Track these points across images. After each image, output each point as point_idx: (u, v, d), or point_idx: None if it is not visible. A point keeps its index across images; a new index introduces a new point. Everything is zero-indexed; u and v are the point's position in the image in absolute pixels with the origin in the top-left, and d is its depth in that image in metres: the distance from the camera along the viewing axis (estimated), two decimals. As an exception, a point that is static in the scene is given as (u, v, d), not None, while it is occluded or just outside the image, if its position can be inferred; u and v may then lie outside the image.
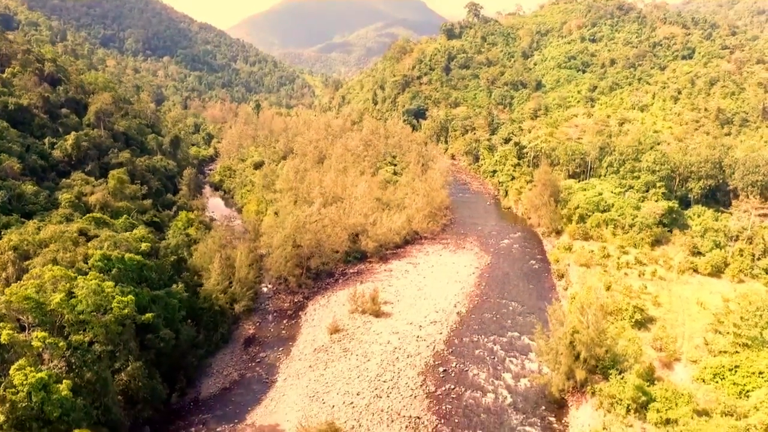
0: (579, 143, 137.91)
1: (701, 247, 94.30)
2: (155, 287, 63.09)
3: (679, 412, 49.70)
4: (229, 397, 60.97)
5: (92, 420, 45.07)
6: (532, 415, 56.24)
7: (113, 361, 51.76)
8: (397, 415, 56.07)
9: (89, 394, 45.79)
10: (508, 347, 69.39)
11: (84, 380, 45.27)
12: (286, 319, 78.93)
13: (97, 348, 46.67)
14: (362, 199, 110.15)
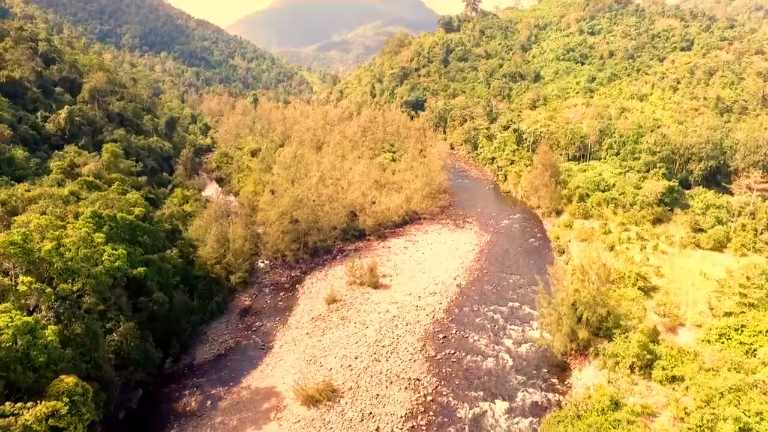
0: (579, 126, 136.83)
1: (703, 224, 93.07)
2: (149, 252, 61.74)
3: (685, 370, 48.54)
4: (224, 363, 59.64)
5: (82, 374, 43.62)
6: (534, 377, 54.97)
7: (104, 319, 50.36)
8: (397, 377, 54.77)
9: (78, 347, 44.38)
10: (509, 316, 68.12)
11: (72, 332, 43.84)
12: (282, 291, 77.57)
13: (86, 300, 45.21)
14: (360, 179, 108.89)
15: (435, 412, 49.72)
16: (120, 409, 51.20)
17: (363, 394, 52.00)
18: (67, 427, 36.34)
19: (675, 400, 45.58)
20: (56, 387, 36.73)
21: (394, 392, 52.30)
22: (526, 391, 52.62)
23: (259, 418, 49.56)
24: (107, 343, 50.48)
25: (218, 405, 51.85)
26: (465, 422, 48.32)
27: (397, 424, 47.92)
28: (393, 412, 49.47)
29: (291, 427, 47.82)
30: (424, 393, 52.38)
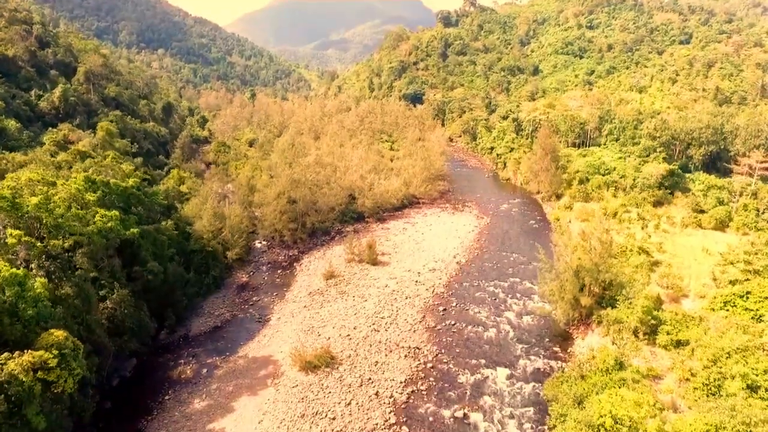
0: (578, 113, 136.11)
1: (704, 205, 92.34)
2: (143, 223, 60.60)
3: (691, 334, 47.58)
4: (220, 334, 58.53)
5: (73, 335, 42.45)
6: (536, 346, 54.00)
7: (98, 286, 49.23)
8: (396, 346, 53.72)
9: (70, 308, 43.19)
10: (510, 290, 67.13)
11: (63, 293, 42.68)
12: (280, 269, 76.46)
13: (78, 260, 44.08)
14: (359, 163, 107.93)
15: (435, 378, 48.67)
16: (113, 376, 50.01)
17: (362, 361, 50.94)
18: (56, 381, 35.27)
19: (681, 361, 44.62)
20: (45, 340, 35.62)
21: (393, 360, 51.25)
22: (528, 359, 51.63)
23: (256, 384, 48.44)
24: (100, 310, 49.47)
25: (214, 373, 50.73)
26: (466, 387, 47.28)
27: (396, 389, 46.86)
28: (393, 378, 48.41)
29: (288, 391, 46.71)
30: (424, 361, 51.35)
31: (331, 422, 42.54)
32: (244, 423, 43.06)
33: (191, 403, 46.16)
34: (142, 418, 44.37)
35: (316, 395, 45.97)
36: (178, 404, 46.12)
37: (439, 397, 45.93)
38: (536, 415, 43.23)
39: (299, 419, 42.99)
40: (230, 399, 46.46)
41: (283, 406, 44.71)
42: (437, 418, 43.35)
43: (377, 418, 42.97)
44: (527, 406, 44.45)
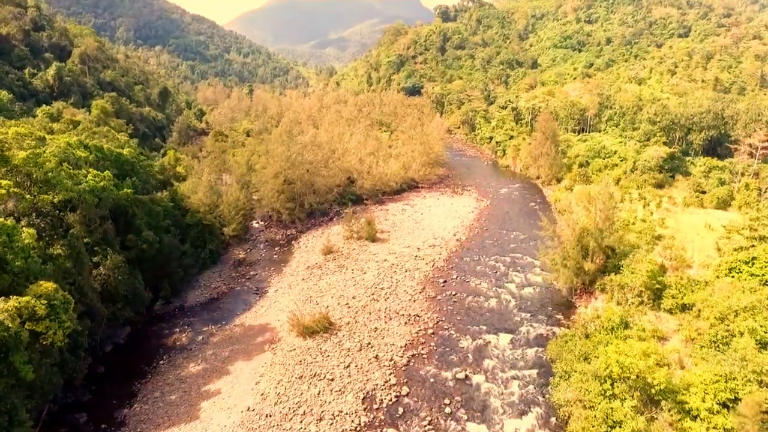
0: (578, 100, 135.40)
1: (705, 187, 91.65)
2: (138, 193, 59.48)
3: (696, 297, 46.60)
4: (216, 305, 57.45)
5: (65, 296, 41.32)
6: (538, 314, 53.02)
7: (91, 252, 48.08)
8: (396, 314, 52.67)
9: (61, 268, 42.00)
10: (511, 264, 66.14)
11: (54, 251, 41.53)
12: (278, 247, 75.39)
13: (69, 218, 42.90)
14: (357, 146, 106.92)
15: (436, 343, 47.64)
16: (107, 342, 48.90)
17: (361, 328, 49.89)
18: (45, 333, 34.13)
19: (687, 322, 43.67)
20: (33, 291, 34.47)
21: (393, 326, 50.20)
22: (531, 326, 50.63)
23: (253, 349, 47.35)
24: (93, 276, 48.33)
25: (210, 340, 49.63)
26: (468, 351, 46.25)
27: (397, 352, 45.80)
28: (393, 342, 47.35)
29: (286, 355, 45.63)
30: (424, 327, 50.32)
31: (330, 383, 41.46)
32: (241, 384, 41.96)
33: (186, 367, 45.05)
34: (135, 381, 43.25)
35: (314, 358, 44.89)
36: (173, 368, 45.01)
37: (440, 360, 44.89)
38: (539, 377, 42.21)
39: (297, 380, 41.90)
40: (226, 363, 45.38)
41: (281, 369, 43.62)
42: (438, 379, 42.30)
43: (377, 379, 41.90)
44: (530, 369, 43.44)
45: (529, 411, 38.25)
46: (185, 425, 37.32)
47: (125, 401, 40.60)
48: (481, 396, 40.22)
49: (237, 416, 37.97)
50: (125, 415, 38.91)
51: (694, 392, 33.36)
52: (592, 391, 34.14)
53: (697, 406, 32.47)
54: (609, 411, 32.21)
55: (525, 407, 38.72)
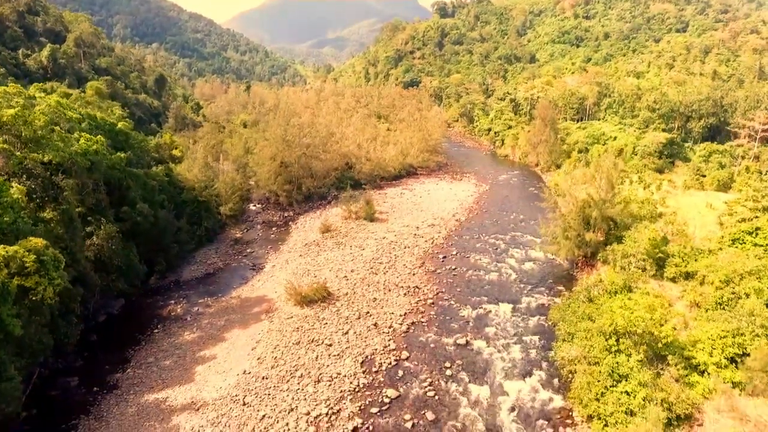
0: (577, 89, 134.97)
1: (705, 171, 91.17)
2: (133, 167, 58.53)
3: (700, 265, 45.87)
4: (212, 280, 56.48)
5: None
6: (539, 286, 52.25)
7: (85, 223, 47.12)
8: (395, 286, 51.83)
9: (52, 233, 40.93)
10: (511, 242, 65.39)
11: (45, 215, 40.54)
12: (275, 227, 74.44)
13: (61, 181, 41.89)
14: (356, 133, 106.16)
15: (436, 313, 46.81)
16: (100, 312, 47.89)
17: (359, 298, 49.02)
18: (35, 288, 33.18)
19: (692, 288, 42.93)
20: (23, 245, 33.50)
21: (392, 297, 49.35)
22: (532, 297, 49.87)
23: (249, 319, 46.42)
24: (86, 246, 47.33)
25: (205, 311, 48.66)
26: (468, 320, 45.43)
27: (396, 320, 44.96)
28: (392, 312, 46.50)
29: (283, 322, 44.72)
30: (423, 298, 49.49)
31: (328, 348, 40.57)
32: (237, 350, 41.03)
33: (181, 335, 44.09)
34: (129, 349, 42.26)
35: (311, 326, 43.99)
36: (167, 336, 44.05)
37: (440, 328, 44.05)
38: (542, 342, 41.40)
39: (294, 346, 41.00)
40: (222, 331, 44.44)
41: (278, 335, 42.73)
42: (439, 345, 41.46)
43: (376, 345, 41.04)
44: (532, 335, 42.63)
45: (531, 373, 37.43)
46: (179, 387, 36.37)
47: (118, 366, 39.62)
48: (482, 360, 39.39)
49: (233, 379, 37.05)
50: (118, 379, 37.93)
51: (701, 348, 32.64)
52: (596, 347, 33.37)
53: (705, 361, 31.75)
54: (614, 365, 31.42)
55: (527, 369, 37.91)
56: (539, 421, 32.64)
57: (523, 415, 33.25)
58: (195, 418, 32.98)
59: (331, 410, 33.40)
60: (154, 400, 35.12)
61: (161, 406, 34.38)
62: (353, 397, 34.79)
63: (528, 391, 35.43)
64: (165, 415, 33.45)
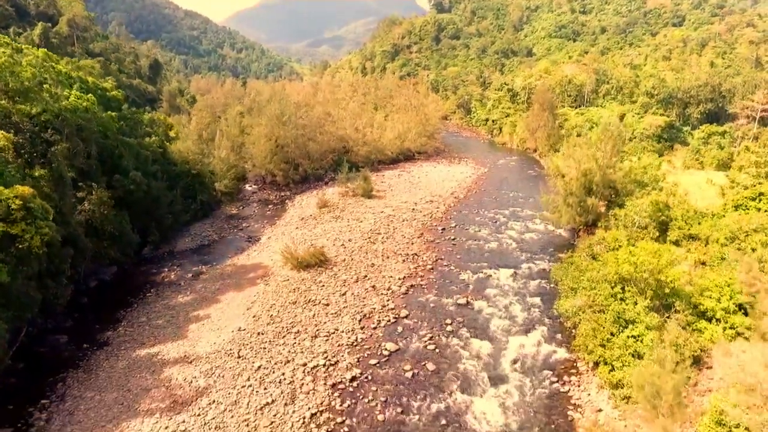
0: (575, 76, 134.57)
1: (705, 153, 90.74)
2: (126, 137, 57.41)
3: (704, 228, 45.12)
4: (207, 250, 55.40)
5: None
6: (540, 254, 51.39)
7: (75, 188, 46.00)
8: (393, 253, 50.84)
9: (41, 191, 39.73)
10: (511, 216, 64.54)
11: (34, 172, 39.37)
12: (271, 205, 73.37)
13: (51, 136, 40.69)
14: (352, 117, 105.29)
15: (436, 277, 45.90)
16: (91, 278, 46.69)
17: (357, 264, 48.02)
18: (21, 236, 32.08)
19: (696, 247, 42.15)
20: (11, 192, 32.40)
21: (390, 263, 48.37)
22: (533, 263, 49.00)
23: (244, 283, 45.34)
24: (78, 212, 46.21)
25: (200, 277, 47.57)
26: (469, 283, 44.51)
27: (395, 283, 43.97)
28: (390, 275, 45.53)
29: (279, 284, 43.70)
30: (423, 264, 48.54)
31: (325, 308, 39.55)
32: (231, 310, 39.96)
33: (174, 298, 42.99)
34: (120, 310, 41.11)
35: (308, 287, 42.99)
36: (160, 299, 42.95)
37: (440, 290, 43.11)
38: (544, 303, 40.51)
39: (291, 305, 39.97)
40: (216, 294, 43.36)
41: (274, 295, 41.71)
42: (439, 305, 40.51)
43: (374, 304, 40.06)
44: (534, 296, 41.73)
45: (534, 329, 36.52)
46: (172, 343, 35.26)
47: (109, 326, 38.49)
48: (483, 318, 38.46)
49: (227, 335, 35.98)
50: (108, 337, 36.81)
51: (709, 295, 31.80)
52: (601, 294, 32.49)
53: (712, 307, 30.91)
54: (620, 311, 30.54)
55: (530, 326, 37.00)
56: (543, 371, 31.73)
57: (527, 366, 32.33)
58: (188, 370, 31.90)
59: (329, 362, 32.38)
60: (146, 354, 34.02)
61: (153, 360, 33.28)
62: (351, 351, 33.79)
63: (531, 345, 34.51)
64: (156, 368, 32.35)
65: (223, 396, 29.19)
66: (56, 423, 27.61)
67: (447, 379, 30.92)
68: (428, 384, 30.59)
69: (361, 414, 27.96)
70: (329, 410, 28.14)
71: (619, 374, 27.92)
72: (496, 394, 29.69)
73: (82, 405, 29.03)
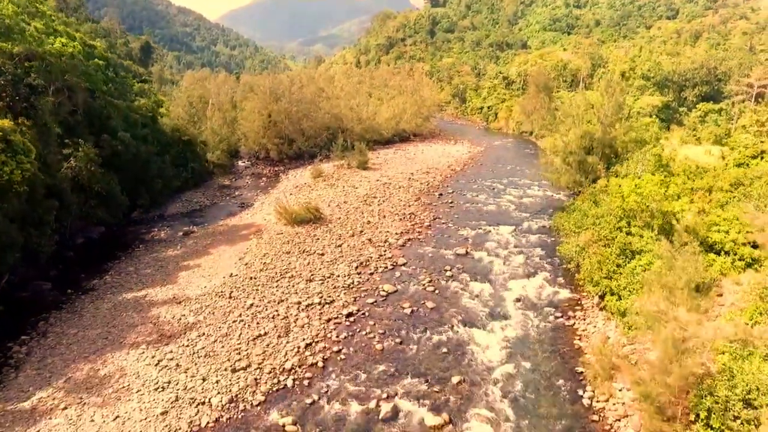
0: (570, 61, 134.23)
1: (701, 131, 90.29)
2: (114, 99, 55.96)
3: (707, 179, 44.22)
4: (198, 214, 53.94)
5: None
6: (539, 214, 50.35)
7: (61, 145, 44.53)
8: (390, 213, 49.65)
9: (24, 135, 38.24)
10: (508, 184, 63.53)
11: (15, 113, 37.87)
12: (264, 178, 71.92)
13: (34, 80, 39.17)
14: (347, 96, 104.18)
15: (434, 232, 44.71)
16: (78, 235, 45.09)
17: (353, 222, 46.73)
18: (1, 168, 30.61)
19: (699, 196, 41.19)
20: (-9, 125, 30.96)
21: (387, 222, 47.11)
22: (532, 221, 47.93)
23: (237, 239, 43.93)
24: (63, 169, 44.67)
25: (190, 235, 46.06)
26: (468, 237, 43.33)
27: (392, 237, 42.73)
28: (387, 231, 44.29)
29: (273, 237, 42.39)
30: (420, 222, 47.35)
31: (320, 257, 38.25)
32: (223, 260, 38.57)
33: (164, 251, 41.54)
34: (108, 262, 39.59)
35: (303, 240, 41.69)
36: (149, 252, 41.50)
37: (438, 243, 41.94)
38: (544, 251, 39.41)
39: (284, 255, 38.64)
40: (208, 248, 41.93)
41: (267, 246, 40.39)
42: (437, 255, 39.31)
43: (371, 254, 38.79)
44: (534, 247, 40.62)
45: (535, 274, 35.39)
46: (161, 287, 33.84)
47: (95, 275, 36.97)
48: (483, 265, 37.33)
49: (218, 280, 34.61)
50: (94, 284, 35.31)
51: (717, 230, 30.83)
52: (606, 228, 31.43)
53: (721, 239, 29.92)
54: (627, 243, 29.49)
55: (531, 271, 35.88)
56: (547, 308, 30.59)
57: (529, 304, 31.18)
58: (176, 309, 30.50)
59: (324, 301, 31.09)
60: (133, 297, 32.59)
61: (140, 302, 31.86)
62: (347, 292, 32.53)
63: (533, 288, 33.39)
64: (144, 308, 30.93)
65: (213, 330, 27.85)
66: (36, 355, 26.15)
67: (447, 316, 29.72)
68: (428, 319, 29.38)
69: (358, 344, 26.70)
70: (325, 341, 26.86)
71: (627, 303, 26.83)
72: (499, 327, 28.52)
73: (64, 340, 27.58)
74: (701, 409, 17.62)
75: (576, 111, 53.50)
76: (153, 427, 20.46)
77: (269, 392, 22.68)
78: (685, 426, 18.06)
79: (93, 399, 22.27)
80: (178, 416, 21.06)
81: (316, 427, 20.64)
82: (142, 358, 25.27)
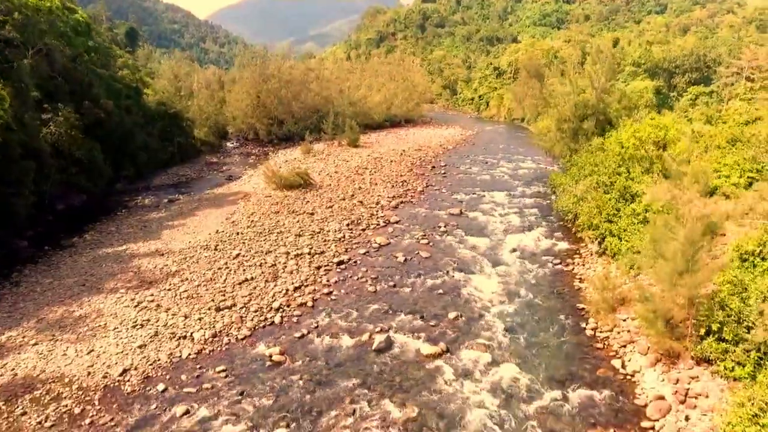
0: (561, 49, 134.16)
1: (692, 114, 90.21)
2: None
3: (703, 140, 43.60)
4: (185, 185, 52.51)
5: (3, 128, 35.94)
6: (534, 183, 49.51)
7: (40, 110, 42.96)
8: (381, 181, 48.51)
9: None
10: (502, 158, 62.70)
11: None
12: (253, 156, 70.54)
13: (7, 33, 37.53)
14: (336, 81, 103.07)
15: (426, 197, 43.66)
16: (59, 201, 43.39)
17: (344, 188, 45.53)
18: (-26, 113, 29.09)
19: (696, 155, 40.55)
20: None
21: (379, 188, 45.95)
22: (527, 188, 47.08)
23: (224, 203, 42.58)
24: (43, 135, 43.03)
25: (176, 202, 44.61)
26: (462, 200, 42.32)
27: (384, 200, 41.61)
28: (379, 195, 43.16)
29: (261, 200, 41.11)
30: (412, 188, 46.28)
31: (310, 216, 36.99)
32: (209, 220, 37.18)
33: (147, 215, 40.09)
34: (89, 224, 38.03)
35: (292, 202, 40.41)
36: (132, 215, 40.05)
37: (431, 206, 40.87)
38: (540, 212, 38.51)
39: (273, 214, 37.35)
40: (194, 210, 40.52)
41: (255, 207, 39.12)
42: (431, 215, 38.22)
43: (362, 213, 37.61)
44: (530, 208, 39.72)
45: (532, 229, 34.43)
46: (143, 242, 32.42)
47: (75, 235, 35.42)
48: (478, 222, 36.32)
49: (204, 237, 33.23)
50: (74, 242, 33.78)
51: (718, 175, 30.08)
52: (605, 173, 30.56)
53: (722, 183, 29.15)
54: (627, 186, 28.61)
55: (528, 226, 34.92)
56: (544, 257, 29.60)
57: (527, 254, 30.18)
58: (159, 260, 29.12)
59: (314, 251, 29.87)
60: (113, 251, 31.15)
61: (120, 255, 30.43)
62: (338, 244, 31.33)
63: (530, 240, 32.39)
64: (124, 260, 29.52)
65: (197, 276, 26.52)
66: (7, 301, 24.65)
67: (443, 264, 28.64)
68: (422, 267, 28.27)
69: (350, 287, 25.52)
70: (315, 285, 25.65)
71: (628, 244, 25.92)
72: (496, 272, 27.48)
73: (38, 288, 26.09)
74: (713, 322, 16.69)
75: (570, 88, 52.59)
76: (130, 359, 19.13)
77: (256, 328, 21.45)
78: (696, 342, 17.11)
79: (66, 336, 20.89)
80: (158, 349, 19.76)
81: (305, 356, 19.43)
82: (121, 301, 23.89)
